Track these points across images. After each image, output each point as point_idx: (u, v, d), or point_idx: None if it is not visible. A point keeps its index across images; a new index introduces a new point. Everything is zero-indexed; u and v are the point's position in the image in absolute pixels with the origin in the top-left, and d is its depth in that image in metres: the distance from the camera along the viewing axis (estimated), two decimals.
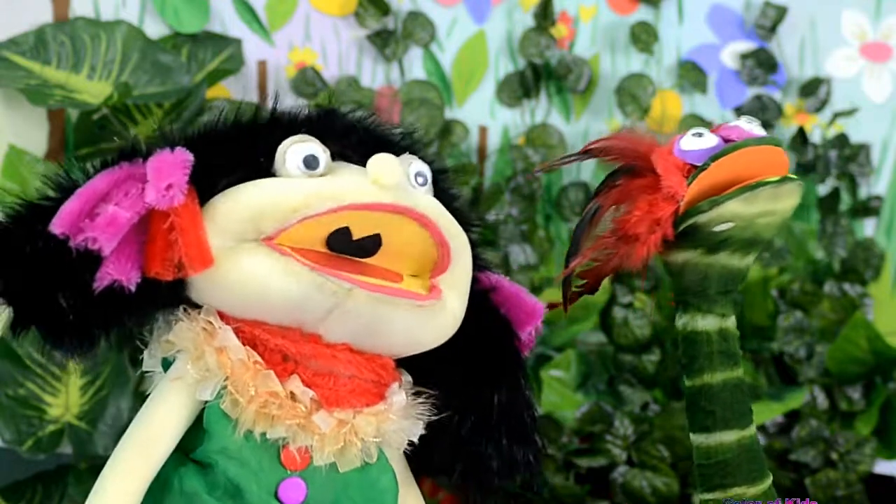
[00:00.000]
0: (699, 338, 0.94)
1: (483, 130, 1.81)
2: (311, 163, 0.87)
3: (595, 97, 1.82)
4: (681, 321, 0.95)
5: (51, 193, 0.85)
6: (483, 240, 0.98)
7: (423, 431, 0.92)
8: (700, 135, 0.92)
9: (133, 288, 0.83)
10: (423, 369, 0.93)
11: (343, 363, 0.88)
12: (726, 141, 0.91)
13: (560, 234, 1.81)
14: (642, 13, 1.81)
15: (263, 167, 0.87)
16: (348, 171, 0.88)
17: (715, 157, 0.90)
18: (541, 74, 1.79)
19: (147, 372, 0.91)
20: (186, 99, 1.61)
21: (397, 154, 0.90)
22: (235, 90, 1.72)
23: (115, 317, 0.86)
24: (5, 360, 1.57)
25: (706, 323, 0.94)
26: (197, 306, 0.88)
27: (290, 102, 1.73)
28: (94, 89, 1.60)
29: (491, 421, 0.94)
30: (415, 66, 1.77)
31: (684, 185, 0.90)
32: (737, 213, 0.90)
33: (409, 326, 0.88)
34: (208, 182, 0.86)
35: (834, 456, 1.71)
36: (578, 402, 1.67)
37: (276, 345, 0.87)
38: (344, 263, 0.85)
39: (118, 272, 0.82)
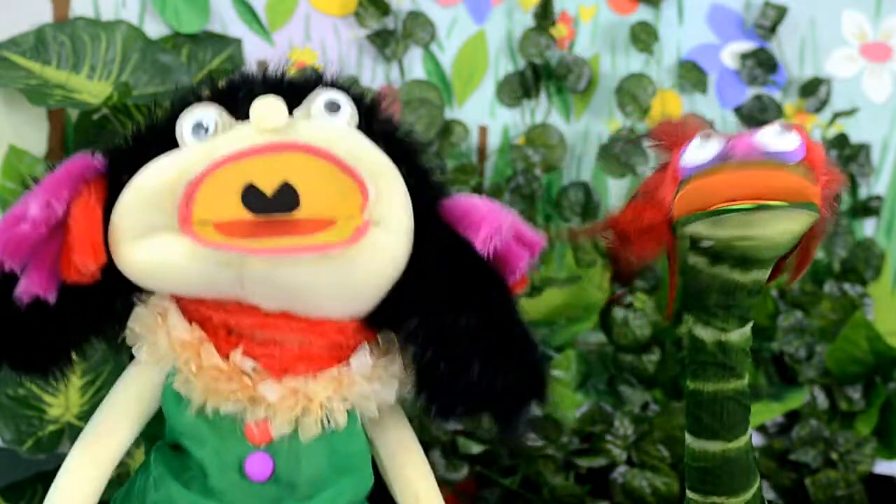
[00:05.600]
0: (697, 344, 0.94)
1: (483, 130, 1.81)
2: (198, 130, 0.85)
3: (595, 97, 1.82)
4: (686, 323, 0.95)
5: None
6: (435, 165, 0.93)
7: (395, 395, 0.90)
8: (703, 144, 0.88)
9: (52, 299, 0.82)
10: (398, 310, 0.88)
11: (284, 330, 0.86)
12: (725, 156, 0.86)
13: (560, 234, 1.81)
14: (642, 13, 1.81)
15: (171, 145, 0.86)
16: (237, 128, 0.85)
17: (694, 176, 0.87)
18: (541, 74, 1.79)
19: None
20: None
21: (306, 93, 0.88)
22: None
23: (71, 328, 0.86)
24: None
25: (704, 333, 0.93)
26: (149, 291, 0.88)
27: None
28: (94, 89, 1.60)
29: (462, 348, 0.86)
30: (415, 66, 1.77)
31: (671, 194, 0.88)
32: (707, 234, 0.88)
33: (327, 279, 0.83)
34: (122, 174, 0.86)
35: (834, 456, 1.71)
36: (578, 402, 1.67)
37: (219, 319, 0.87)
38: (272, 226, 0.81)
39: (36, 286, 0.82)
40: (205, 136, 0.85)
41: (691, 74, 1.81)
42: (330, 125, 0.86)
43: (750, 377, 1.79)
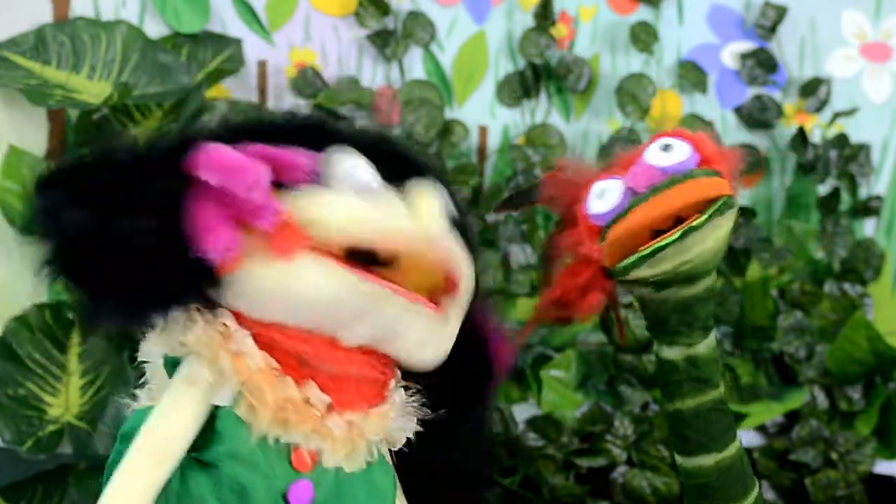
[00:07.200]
0: (667, 366, 0.94)
1: (483, 130, 1.81)
2: (370, 184, 0.87)
3: (595, 97, 1.82)
4: (654, 347, 0.96)
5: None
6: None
7: (417, 428, 0.92)
8: (602, 194, 0.90)
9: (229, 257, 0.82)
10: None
11: (357, 365, 0.87)
12: (632, 191, 0.89)
13: None
14: (642, 13, 1.81)
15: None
16: (396, 202, 0.88)
17: (613, 222, 0.89)
18: (541, 74, 1.79)
19: (144, 362, 0.90)
20: (186, 99, 1.61)
21: (424, 176, 0.91)
22: (235, 90, 1.72)
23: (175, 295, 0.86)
24: (5, 360, 1.57)
25: (672, 352, 0.94)
26: (211, 306, 0.86)
27: (290, 102, 1.74)
28: (94, 89, 1.60)
29: (459, 437, 0.95)
30: (415, 66, 1.77)
31: (596, 246, 0.90)
32: (651, 273, 0.89)
33: (423, 338, 0.88)
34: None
35: (834, 456, 1.71)
36: (578, 402, 1.67)
37: (294, 349, 0.86)
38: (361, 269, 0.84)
39: (228, 243, 0.82)
40: (370, 192, 0.87)
41: (691, 74, 1.81)
42: (457, 237, 0.90)
43: (750, 377, 1.80)
